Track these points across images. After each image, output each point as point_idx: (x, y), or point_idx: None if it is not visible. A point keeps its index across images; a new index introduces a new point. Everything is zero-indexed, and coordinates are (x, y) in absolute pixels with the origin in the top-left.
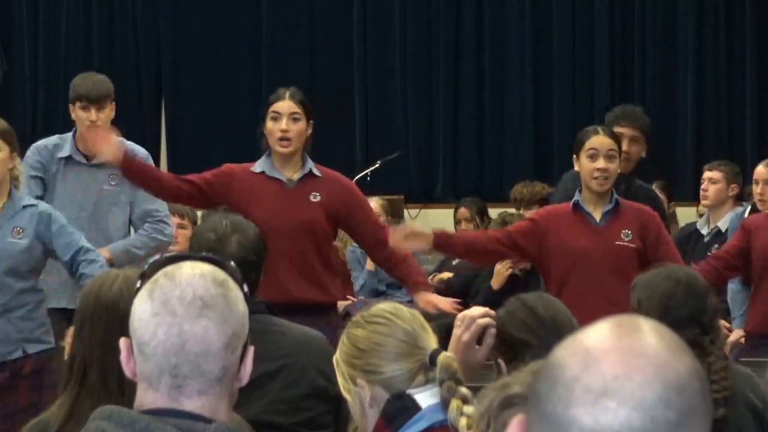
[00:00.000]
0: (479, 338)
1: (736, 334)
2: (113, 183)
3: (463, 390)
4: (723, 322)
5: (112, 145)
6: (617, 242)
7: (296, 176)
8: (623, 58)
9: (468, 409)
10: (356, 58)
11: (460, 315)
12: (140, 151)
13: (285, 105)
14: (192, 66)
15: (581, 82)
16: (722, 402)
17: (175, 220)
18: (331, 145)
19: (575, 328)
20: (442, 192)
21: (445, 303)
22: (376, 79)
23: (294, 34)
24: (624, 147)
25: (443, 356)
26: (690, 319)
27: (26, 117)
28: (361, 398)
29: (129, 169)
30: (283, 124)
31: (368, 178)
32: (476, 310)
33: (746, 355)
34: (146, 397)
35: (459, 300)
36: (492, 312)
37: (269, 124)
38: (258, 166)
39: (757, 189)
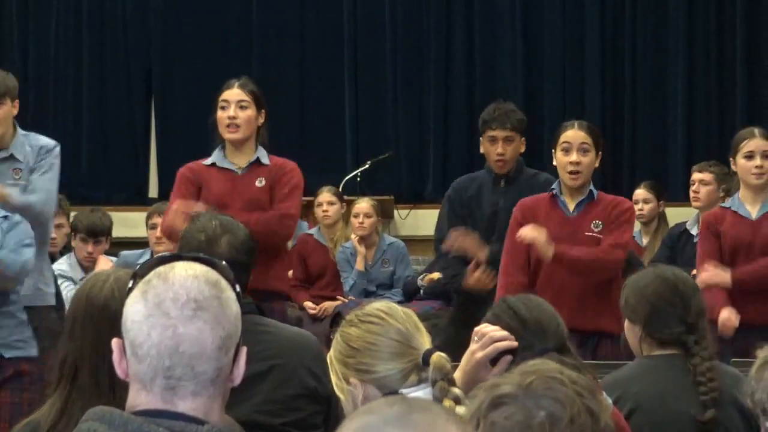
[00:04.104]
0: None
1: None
2: (16, 177)
3: (456, 390)
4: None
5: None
6: (587, 233)
7: (245, 164)
8: (614, 58)
9: (460, 409)
10: (347, 59)
11: (478, 329)
12: (47, 142)
13: (233, 93)
14: (182, 66)
15: (572, 83)
16: (710, 403)
17: (160, 221)
18: (321, 145)
19: (560, 329)
20: (433, 192)
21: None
22: (367, 79)
23: (284, 33)
24: (499, 149)
25: (436, 356)
26: (675, 318)
27: (17, 117)
28: (354, 397)
29: None
30: (231, 111)
31: (358, 179)
32: (498, 333)
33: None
34: (139, 398)
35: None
36: (512, 337)
37: (219, 113)
38: (210, 159)
39: (754, 162)
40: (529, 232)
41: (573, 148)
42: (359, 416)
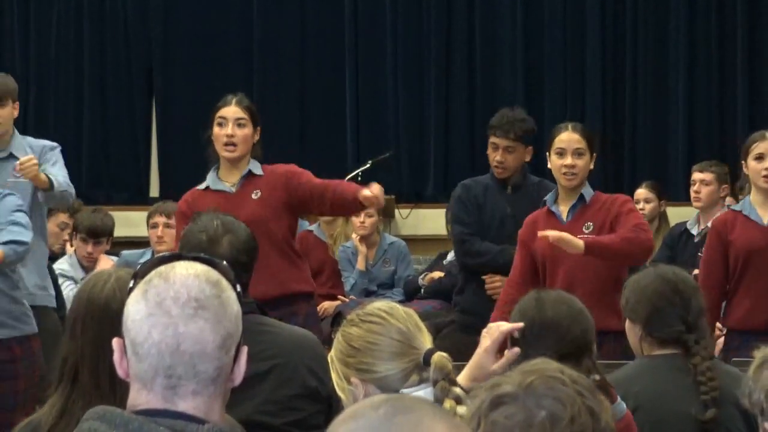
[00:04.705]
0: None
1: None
2: (18, 176)
3: (457, 390)
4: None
5: None
6: (578, 236)
7: (237, 180)
8: (614, 58)
9: (461, 409)
10: (347, 59)
11: (487, 327)
12: (48, 142)
13: (231, 110)
14: (183, 65)
15: (572, 83)
16: (711, 403)
17: (161, 220)
18: (322, 145)
19: (577, 333)
20: (433, 192)
21: (378, 188)
22: (368, 79)
23: (285, 33)
24: (498, 157)
25: (437, 356)
26: (675, 318)
27: (18, 117)
28: (355, 397)
29: None
30: (229, 129)
31: (359, 178)
32: (505, 325)
33: (730, 354)
34: (140, 398)
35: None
36: (519, 324)
37: (216, 129)
38: (204, 183)
39: (764, 164)
40: (553, 233)
41: (567, 152)
42: (345, 422)
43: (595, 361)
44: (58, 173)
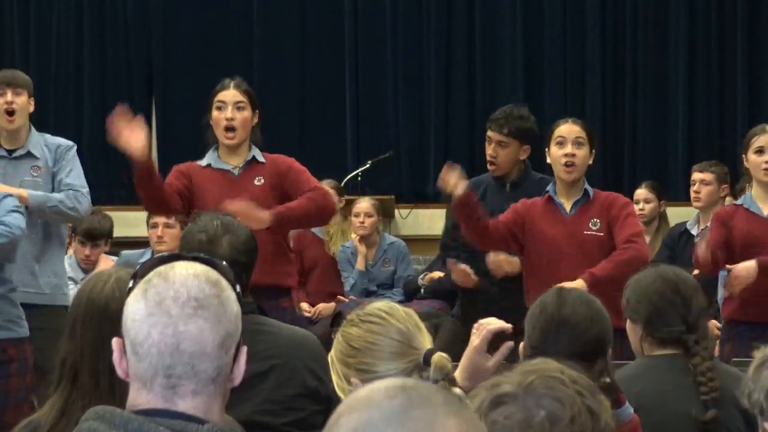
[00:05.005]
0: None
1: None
2: (35, 175)
3: (457, 390)
4: (714, 322)
5: (141, 139)
6: (585, 231)
7: (240, 164)
8: (614, 58)
9: None
10: (347, 59)
11: (476, 324)
12: (64, 142)
13: (230, 94)
14: (183, 65)
15: (573, 82)
16: (711, 403)
17: (161, 220)
18: (322, 145)
19: (592, 335)
20: (433, 192)
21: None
22: (368, 79)
23: (285, 33)
24: (490, 151)
25: (437, 356)
26: (676, 318)
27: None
28: None
29: (143, 172)
30: (228, 112)
31: (359, 178)
32: (495, 321)
33: (726, 343)
34: (139, 398)
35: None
36: (508, 325)
37: (215, 113)
38: (205, 160)
39: (764, 158)
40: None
41: (567, 141)
42: (358, 409)
43: (608, 363)
44: (73, 182)
